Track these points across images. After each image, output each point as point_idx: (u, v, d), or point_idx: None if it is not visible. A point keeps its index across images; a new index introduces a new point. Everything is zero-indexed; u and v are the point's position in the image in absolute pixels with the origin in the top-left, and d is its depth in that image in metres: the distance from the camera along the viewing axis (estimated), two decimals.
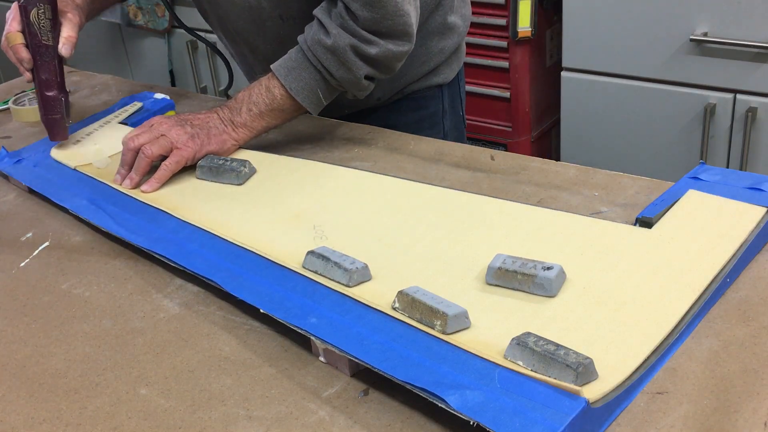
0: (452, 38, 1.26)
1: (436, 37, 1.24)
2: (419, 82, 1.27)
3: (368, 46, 1.04)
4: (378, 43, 1.04)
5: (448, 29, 1.25)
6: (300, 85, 1.07)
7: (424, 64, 1.25)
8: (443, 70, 1.28)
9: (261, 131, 1.11)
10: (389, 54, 1.05)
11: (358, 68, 1.05)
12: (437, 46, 1.25)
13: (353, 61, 1.05)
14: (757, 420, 0.63)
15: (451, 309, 0.71)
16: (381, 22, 1.03)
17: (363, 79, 1.07)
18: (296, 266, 0.83)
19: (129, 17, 2.70)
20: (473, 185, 1.00)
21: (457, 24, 1.27)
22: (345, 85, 1.08)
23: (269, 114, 1.09)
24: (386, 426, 0.67)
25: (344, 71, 1.06)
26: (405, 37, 1.06)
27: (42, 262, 0.94)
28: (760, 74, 1.72)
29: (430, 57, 1.25)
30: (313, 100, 1.09)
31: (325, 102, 1.10)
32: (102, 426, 0.70)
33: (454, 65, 1.31)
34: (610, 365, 0.66)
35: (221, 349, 0.77)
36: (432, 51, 1.25)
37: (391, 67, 1.09)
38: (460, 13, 1.28)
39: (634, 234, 0.84)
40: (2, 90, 1.49)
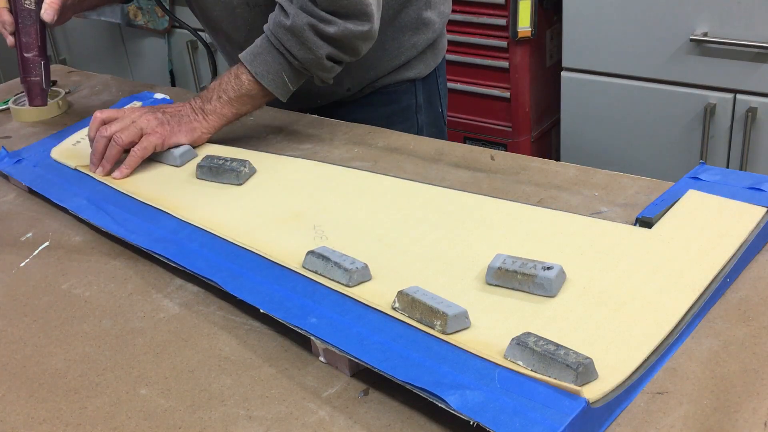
0: (426, 33, 1.27)
1: (409, 32, 1.26)
2: (390, 76, 1.28)
3: (326, 25, 1.05)
4: (336, 22, 1.05)
5: (423, 24, 1.26)
6: (265, 69, 1.09)
7: (395, 58, 1.26)
8: (416, 65, 1.29)
9: (231, 118, 1.13)
10: (348, 33, 1.06)
11: (318, 47, 1.06)
12: (410, 41, 1.26)
13: (313, 40, 1.06)
14: (757, 420, 0.63)
15: (451, 309, 0.71)
16: (337, 1, 1.04)
17: (325, 59, 1.08)
18: (296, 266, 0.83)
19: (129, 17, 2.70)
20: (473, 185, 1.00)
21: (432, 20, 1.28)
22: (308, 67, 1.09)
23: (238, 100, 1.11)
24: (386, 426, 0.67)
25: (305, 51, 1.07)
26: (363, 17, 1.07)
27: (42, 262, 0.94)
28: (760, 74, 1.72)
29: (401, 51, 1.26)
30: (279, 84, 1.10)
31: (292, 87, 1.11)
32: (102, 426, 0.70)
33: (430, 61, 1.31)
34: (610, 365, 0.66)
35: (221, 349, 0.77)
36: (404, 45, 1.26)
37: (353, 47, 1.09)
38: (437, 10, 1.29)
39: (634, 234, 0.84)
40: (2, 90, 1.49)
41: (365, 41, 1.10)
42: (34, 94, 1.21)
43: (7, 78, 3.08)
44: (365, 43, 1.11)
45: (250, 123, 1.23)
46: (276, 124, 1.23)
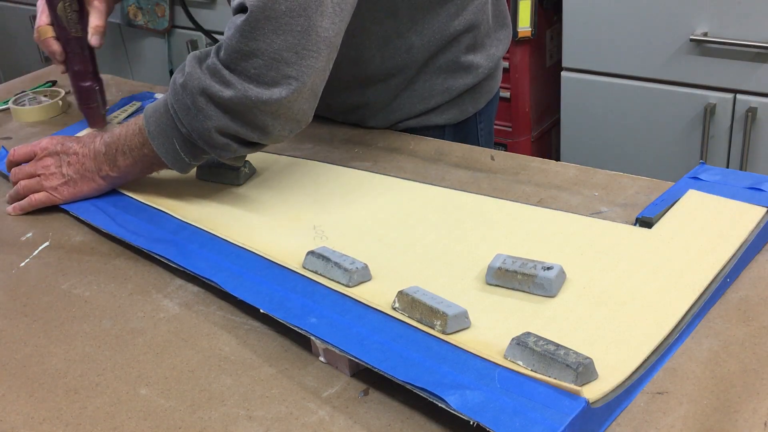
0: (465, 78, 1.14)
1: (443, 75, 1.13)
2: (416, 120, 1.16)
3: (223, 87, 0.87)
4: (235, 85, 0.87)
5: (462, 68, 1.14)
6: (157, 129, 0.94)
7: (423, 102, 1.14)
8: (448, 110, 1.16)
9: (138, 176, 1.02)
10: (247, 101, 0.87)
11: (207, 116, 0.89)
12: (443, 84, 1.13)
13: (201, 107, 0.89)
14: (757, 420, 0.63)
15: (451, 309, 0.71)
16: (249, 59, 0.86)
17: (214, 131, 0.89)
18: (296, 266, 0.83)
19: (129, 17, 2.71)
20: (473, 185, 1.00)
21: (476, 64, 1.14)
22: (196, 138, 0.91)
23: (141, 161, 0.98)
24: (386, 426, 0.67)
25: (192, 118, 0.90)
26: (273, 84, 0.87)
27: (42, 262, 0.94)
28: (760, 74, 1.72)
29: (432, 95, 1.14)
30: (170, 151, 0.94)
31: (187, 159, 0.95)
32: (102, 426, 0.70)
33: (467, 106, 1.17)
34: (610, 365, 0.66)
35: (221, 349, 0.77)
36: (436, 89, 1.13)
37: (253, 120, 0.89)
38: (485, 53, 1.16)
39: (634, 234, 0.84)
40: (2, 90, 1.49)
41: (274, 117, 0.89)
42: (95, 120, 1.23)
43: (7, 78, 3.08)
44: (275, 120, 0.89)
45: None
46: None
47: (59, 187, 1.03)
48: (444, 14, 1.09)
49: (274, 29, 0.85)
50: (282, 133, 0.92)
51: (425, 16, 1.08)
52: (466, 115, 1.18)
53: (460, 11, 1.10)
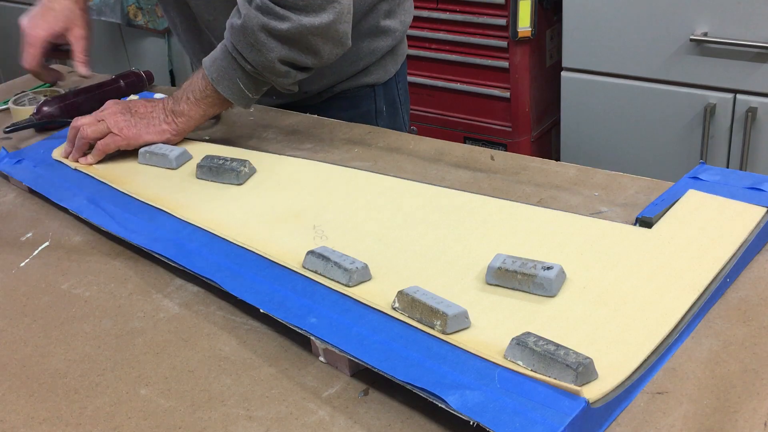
0: (385, 40, 1.26)
1: (368, 39, 1.24)
2: (349, 81, 1.27)
3: (279, 21, 1.00)
4: (290, 17, 1.00)
5: (382, 32, 1.25)
6: (219, 74, 1.06)
7: (353, 64, 1.25)
8: (375, 71, 1.28)
9: (200, 120, 1.12)
10: (302, 29, 1.00)
11: (270, 49, 1.02)
12: (368, 47, 1.25)
13: (264, 42, 1.01)
14: (757, 420, 0.63)
15: (451, 309, 0.71)
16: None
17: (278, 62, 1.03)
18: (296, 266, 0.83)
19: (129, 17, 2.70)
20: (473, 185, 1.00)
21: (392, 27, 1.27)
22: (262, 72, 1.05)
23: (204, 101, 1.10)
24: (386, 426, 0.67)
25: (256, 53, 1.02)
26: (321, 10, 1.01)
27: (42, 262, 0.94)
28: (760, 74, 1.72)
29: (360, 57, 1.24)
30: (234, 91, 1.07)
31: (251, 94, 1.08)
32: (102, 426, 0.70)
33: (390, 66, 1.30)
34: (610, 365, 0.66)
35: (221, 349, 0.77)
36: (362, 51, 1.24)
37: (310, 46, 1.03)
38: (399, 19, 1.28)
39: (634, 234, 0.84)
40: (2, 90, 1.49)
41: (325, 40, 1.03)
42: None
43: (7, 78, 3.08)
44: (325, 43, 1.04)
45: (250, 123, 1.23)
46: (276, 124, 1.23)
47: (124, 128, 1.10)
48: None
49: None
50: (330, 55, 1.06)
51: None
52: (389, 75, 1.31)
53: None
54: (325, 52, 1.05)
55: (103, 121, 1.11)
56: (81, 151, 1.12)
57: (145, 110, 1.13)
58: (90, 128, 1.11)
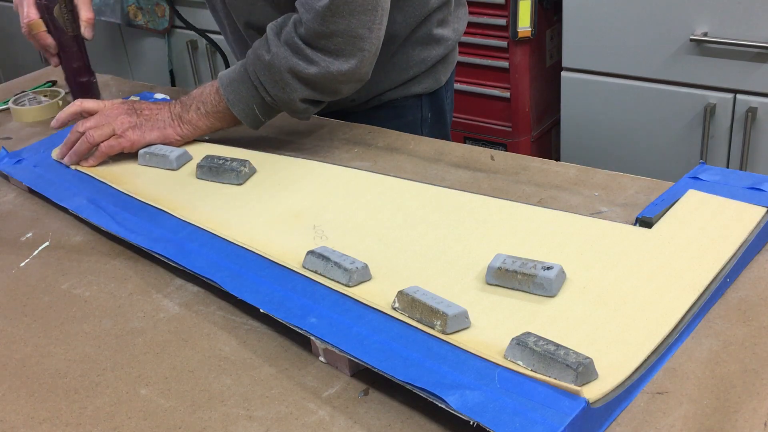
0: (437, 49, 1.25)
1: (419, 47, 1.23)
2: (397, 90, 1.25)
3: (308, 65, 1.02)
4: (318, 62, 1.02)
5: (434, 41, 1.24)
6: (236, 97, 1.07)
7: (403, 72, 1.23)
8: (424, 80, 1.26)
9: (206, 131, 1.12)
10: (329, 75, 1.02)
11: (293, 90, 1.04)
12: (419, 55, 1.23)
13: (289, 82, 1.03)
14: (757, 420, 0.63)
15: (451, 309, 0.71)
16: (330, 38, 1.01)
17: (299, 102, 1.05)
18: (296, 266, 0.83)
19: (129, 17, 2.70)
20: (473, 185, 1.00)
21: (445, 36, 1.25)
22: (279, 105, 1.06)
23: (214, 116, 1.10)
24: (386, 426, 0.67)
25: (279, 90, 1.04)
26: (351, 56, 1.02)
27: (42, 262, 0.94)
28: (760, 74, 1.72)
29: (410, 66, 1.23)
30: (248, 114, 1.08)
31: (264, 119, 1.10)
32: (102, 426, 0.70)
33: (440, 75, 1.28)
34: (610, 365, 0.66)
35: (221, 349, 0.77)
36: (413, 60, 1.23)
37: (333, 89, 1.05)
38: (451, 27, 1.27)
39: (634, 234, 0.84)
40: (2, 90, 1.49)
41: (348, 83, 1.06)
42: None
43: (7, 78, 3.08)
44: (348, 85, 1.06)
45: None
46: (276, 124, 1.23)
47: (129, 130, 1.10)
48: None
49: (350, 11, 0.99)
50: (350, 92, 1.09)
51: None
52: (439, 84, 1.29)
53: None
54: (345, 91, 1.08)
55: (108, 124, 1.10)
56: (79, 155, 1.11)
57: (150, 112, 1.12)
58: (96, 132, 1.10)
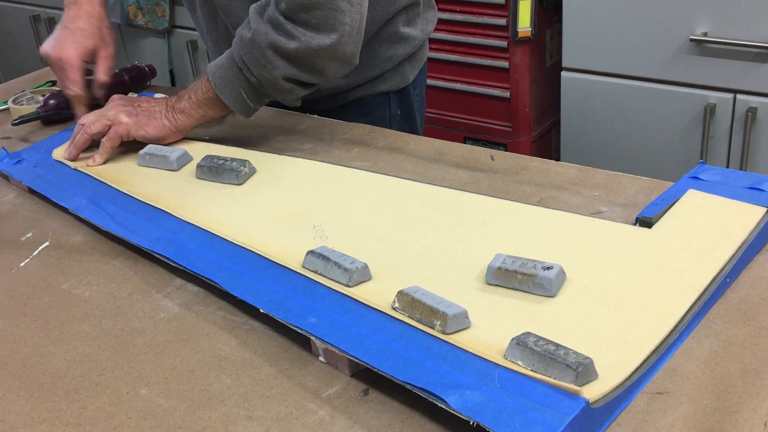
0: (403, 47, 1.25)
1: (386, 45, 1.23)
2: (364, 88, 1.25)
3: (288, 40, 1.01)
4: (298, 37, 1.00)
5: (401, 39, 1.24)
6: (223, 82, 1.07)
7: (368, 70, 1.23)
8: (391, 78, 1.26)
9: (200, 120, 1.12)
10: (309, 50, 1.01)
11: (275, 67, 1.03)
12: (386, 53, 1.23)
13: (270, 58, 1.02)
14: (757, 420, 0.63)
15: (451, 309, 0.71)
16: (310, 11, 1.00)
17: (281, 80, 1.04)
18: (296, 266, 0.83)
19: (129, 17, 2.70)
20: (473, 185, 1.00)
21: (411, 35, 1.25)
22: (265, 86, 1.06)
23: (206, 103, 1.10)
24: (386, 426, 0.67)
25: (261, 68, 1.03)
26: (331, 31, 1.01)
27: (42, 262, 0.94)
28: (760, 74, 1.72)
29: (376, 63, 1.23)
30: (237, 99, 1.08)
31: (253, 105, 1.09)
32: (102, 426, 0.70)
33: (407, 73, 1.28)
34: (610, 365, 0.66)
35: (221, 349, 0.77)
36: (379, 58, 1.23)
37: (316, 66, 1.04)
38: (420, 27, 1.27)
39: (634, 234, 0.84)
40: (2, 90, 1.49)
41: (331, 60, 1.04)
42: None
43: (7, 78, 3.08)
44: (331, 63, 1.04)
45: (250, 123, 1.23)
46: (276, 124, 1.23)
47: (125, 115, 1.11)
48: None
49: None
50: (336, 74, 1.07)
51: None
52: (406, 82, 1.29)
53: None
54: (330, 71, 1.06)
55: (104, 116, 1.12)
56: (79, 148, 1.13)
57: (148, 105, 1.13)
58: (94, 124, 1.11)
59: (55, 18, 2.87)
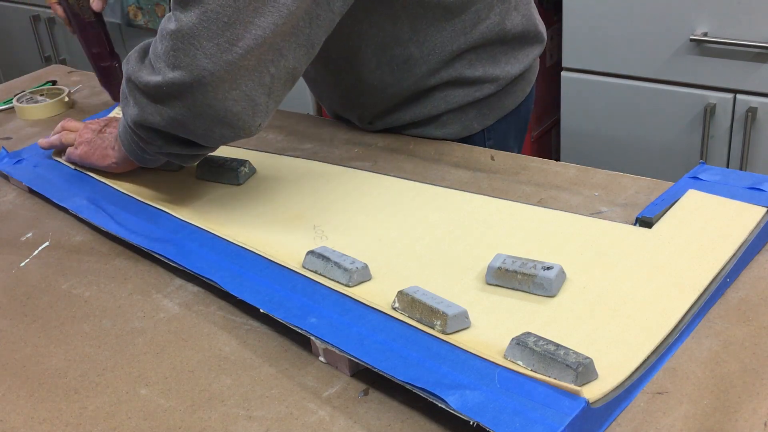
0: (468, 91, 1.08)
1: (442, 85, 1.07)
2: (414, 129, 1.12)
3: (152, 73, 0.87)
4: (162, 71, 0.86)
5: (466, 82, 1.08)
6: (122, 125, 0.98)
7: (419, 107, 1.09)
8: (450, 124, 1.10)
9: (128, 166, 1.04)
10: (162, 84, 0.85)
11: (130, 102, 0.92)
12: (441, 92, 1.08)
13: (126, 92, 0.93)
14: (757, 420, 0.63)
15: (451, 309, 0.71)
16: (163, 41, 0.86)
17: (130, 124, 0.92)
18: (296, 266, 0.83)
19: (129, 17, 2.70)
20: (473, 185, 1.00)
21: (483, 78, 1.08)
22: (133, 128, 0.93)
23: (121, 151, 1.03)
24: (386, 426, 0.67)
25: (125, 103, 0.94)
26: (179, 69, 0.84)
27: (42, 262, 0.94)
28: (760, 74, 1.72)
29: (429, 101, 1.08)
30: (126, 139, 0.98)
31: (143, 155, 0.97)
32: (102, 426, 0.70)
33: (473, 122, 1.11)
34: (610, 365, 0.66)
35: (221, 349, 0.77)
36: (433, 97, 1.08)
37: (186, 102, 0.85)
38: (498, 69, 1.09)
39: (634, 234, 0.84)
40: (2, 90, 1.49)
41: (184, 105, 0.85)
42: (116, 94, 1.30)
43: (7, 78, 3.08)
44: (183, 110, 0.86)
45: None
46: (276, 124, 1.23)
47: (81, 145, 1.09)
48: (449, 30, 1.02)
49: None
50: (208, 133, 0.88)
51: (427, 29, 1.02)
52: (470, 132, 1.12)
53: (469, 29, 1.03)
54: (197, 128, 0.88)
55: (77, 134, 1.10)
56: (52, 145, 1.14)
57: (102, 133, 1.08)
58: (67, 135, 1.12)
59: (55, 18, 2.87)
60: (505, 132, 1.16)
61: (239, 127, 0.87)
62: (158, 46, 0.87)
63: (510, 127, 1.17)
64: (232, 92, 0.84)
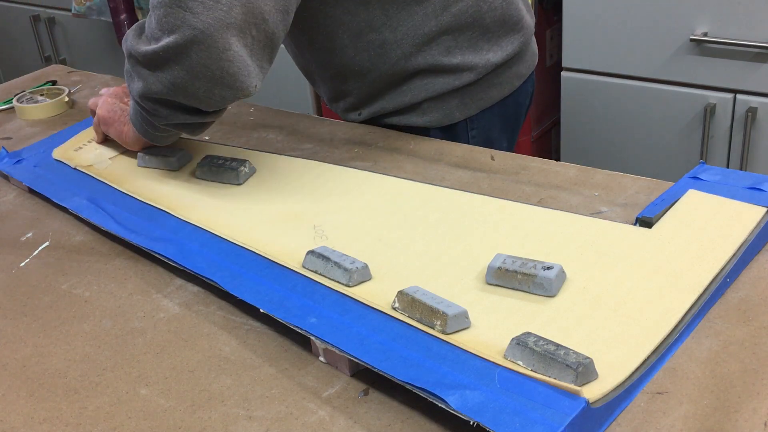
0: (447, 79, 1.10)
1: (422, 73, 1.10)
2: (397, 117, 1.14)
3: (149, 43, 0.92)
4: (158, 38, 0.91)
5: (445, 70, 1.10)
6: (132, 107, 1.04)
7: (400, 95, 1.12)
8: (430, 112, 1.13)
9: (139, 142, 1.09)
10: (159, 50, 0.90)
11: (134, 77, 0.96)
12: (421, 81, 1.10)
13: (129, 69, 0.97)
14: (757, 420, 0.63)
15: (451, 309, 0.71)
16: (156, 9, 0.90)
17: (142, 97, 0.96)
18: (296, 266, 0.83)
19: None
20: (473, 185, 1.00)
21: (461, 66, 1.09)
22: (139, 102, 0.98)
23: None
24: (386, 426, 0.67)
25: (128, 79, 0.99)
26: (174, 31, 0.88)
27: (42, 262, 0.94)
28: (760, 74, 1.72)
29: (409, 90, 1.11)
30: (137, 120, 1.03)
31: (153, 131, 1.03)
32: (102, 426, 0.70)
33: (454, 111, 1.13)
34: (610, 365, 0.66)
35: (221, 349, 0.77)
36: (414, 85, 1.11)
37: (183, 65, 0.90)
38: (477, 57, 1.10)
39: (634, 234, 0.84)
40: (2, 90, 1.49)
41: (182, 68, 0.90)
42: None
43: (7, 78, 3.08)
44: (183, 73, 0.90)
45: (250, 123, 1.23)
46: (276, 124, 1.23)
47: (103, 115, 1.11)
48: (420, 14, 1.06)
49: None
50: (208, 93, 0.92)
51: (399, 13, 1.06)
52: (452, 120, 1.14)
53: (439, 13, 1.06)
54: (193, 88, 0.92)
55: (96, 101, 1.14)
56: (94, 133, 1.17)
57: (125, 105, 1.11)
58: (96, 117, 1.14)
59: (55, 18, 2.87)
60: (490, 124, 1.18)
61: (237, 87, 0.92)
62: (151, 19, 0.92)
63: (495, 119, 1.18)
64: (225, 52, 0.89)
